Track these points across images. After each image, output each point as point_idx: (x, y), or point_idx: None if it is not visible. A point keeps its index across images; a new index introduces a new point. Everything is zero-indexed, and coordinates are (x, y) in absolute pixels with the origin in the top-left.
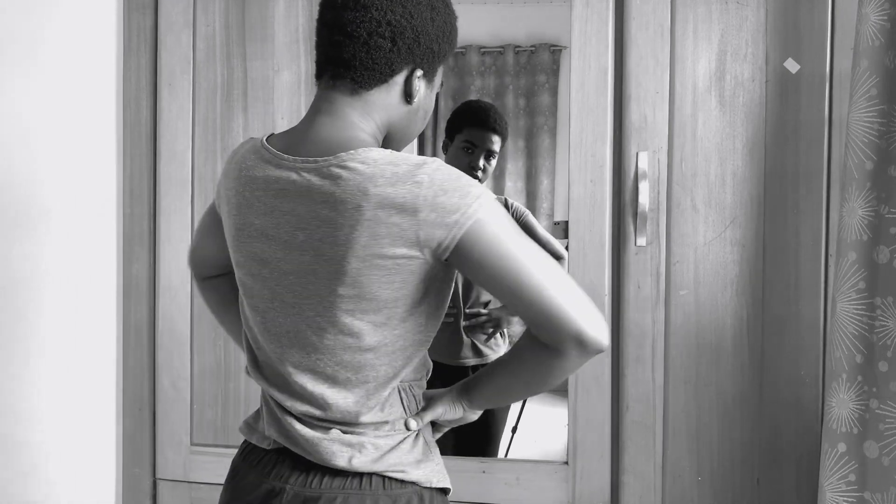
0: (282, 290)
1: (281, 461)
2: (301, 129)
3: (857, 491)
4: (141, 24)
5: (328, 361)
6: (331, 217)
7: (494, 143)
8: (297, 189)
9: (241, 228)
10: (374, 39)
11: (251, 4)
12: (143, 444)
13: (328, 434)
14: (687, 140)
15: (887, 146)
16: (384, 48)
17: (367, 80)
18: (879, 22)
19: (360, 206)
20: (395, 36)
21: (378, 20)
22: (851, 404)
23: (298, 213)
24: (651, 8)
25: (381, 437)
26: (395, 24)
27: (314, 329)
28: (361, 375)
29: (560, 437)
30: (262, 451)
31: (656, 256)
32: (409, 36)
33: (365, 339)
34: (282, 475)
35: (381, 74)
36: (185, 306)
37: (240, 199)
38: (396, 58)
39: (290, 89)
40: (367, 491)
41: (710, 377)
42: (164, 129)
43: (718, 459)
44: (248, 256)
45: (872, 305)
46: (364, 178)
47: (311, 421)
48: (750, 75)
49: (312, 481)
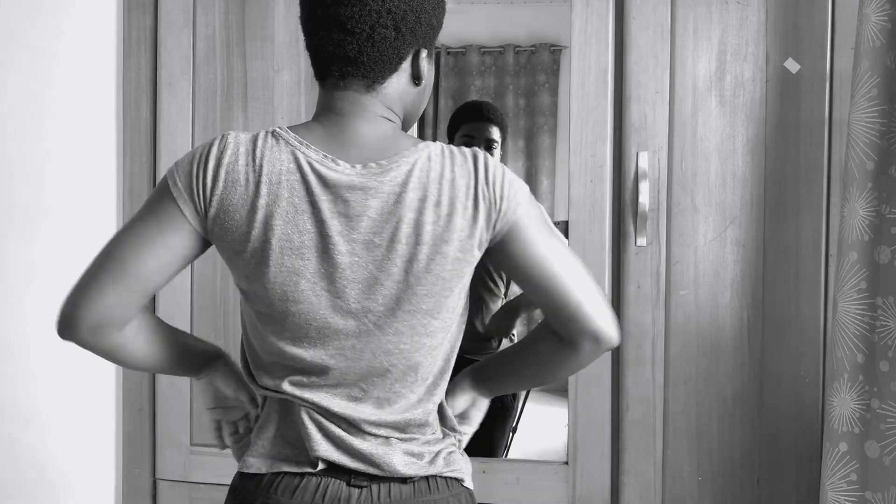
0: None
1: (332, 480)
2: (335, 133)
3: (858, 490)
4: (141, 24)
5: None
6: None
7: (492, 132)
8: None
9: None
10: (377, 31)
11: (251, 4)
12: (143, 444)
13: (389, 443)
14: (687, 140)
15: (888, 146)
16: (389, 38)
17: (379, 74)
18: (880, 22)
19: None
20: (397, 23)
21: (378, 11)
22: (853, 404)
23: (396, 215)
24: (651, 8)
25: (430, 440)
26: (396, 10)
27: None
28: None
29: (560, 437)
30: (299, 476)
31: (656, 256)
32: (411, 19)
33: (436, 337)
34: (340, 495)
35: (390, 65)
36: (185, 306)
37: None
38: (402, 44)
39: (290, 89)
40: (437, 494)
41: (710, 377)
42: (164, 129)
43: (718, 459)
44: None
45: (874, 305)
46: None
47: (371, 430)
48: (750, 75)
49: (381, 494)
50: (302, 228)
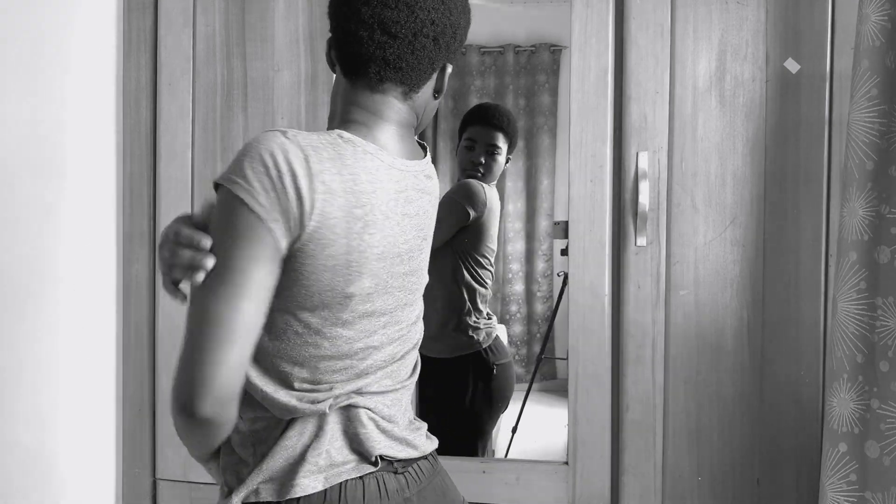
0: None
1: (387, 475)
2: (397, 137)
3: (858, 491)
4: (141, 24)
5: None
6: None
7: (496, 138)
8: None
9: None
10: (419, 40)
11: (251, 4)
12: (143, 444)
13: (417, 422)
14: (687, 140)
15: (888, 146)
16: (428, 48)
17: (415, 83)
18: (880, 22)
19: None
20: (437, 35)
21: (423, 20)
22: (852, 404)
23: (430, 214)
24: (651, 8)
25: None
26: (438, 22)
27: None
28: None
29: (560, 437)
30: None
31: (656, 256)
32: (449, 33)
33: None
34: (411, 478)
35: (425, 75)
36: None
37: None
38: (437, 56)
39: (290, 89)
40: (438, 465)
41: (710, 377)
42: (164, 129)
43: (718, 459)
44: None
45: (873, 305)
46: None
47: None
48: (750, 75)
49: (418, 475)
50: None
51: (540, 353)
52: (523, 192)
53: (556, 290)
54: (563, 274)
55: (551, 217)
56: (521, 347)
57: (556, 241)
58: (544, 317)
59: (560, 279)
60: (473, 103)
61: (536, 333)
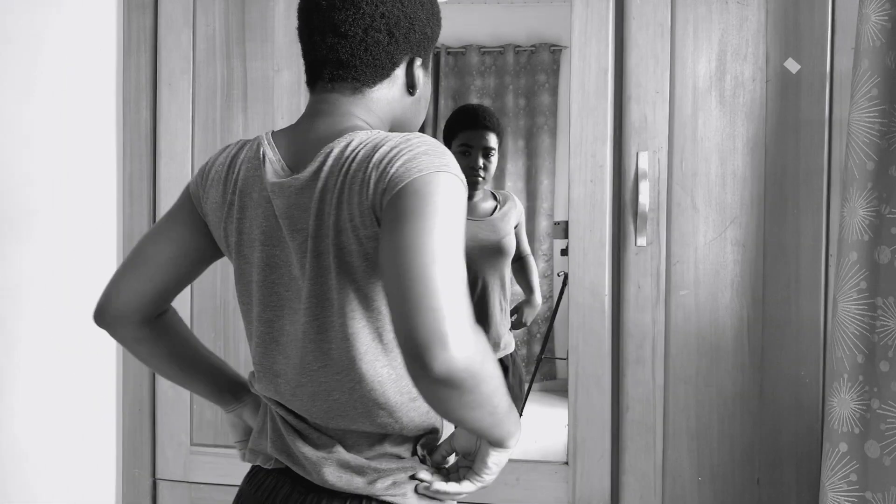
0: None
1: (281, 482)
2: (301, 131)
3: (858, 491)
4: (141, 24)
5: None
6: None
7: (489, 140)
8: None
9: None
10: (370, 35)
11: (251, 4)
12: (143, 444)
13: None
14: (687, 140)
15: (888, 146)
16: (382, 42)
17: (370, 78)
18: (880, 22)
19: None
20: (390, 28)
21: (371, 14)
22: (853, 404)
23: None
24: (651, 8)
25: (379, 458)
26: (389, 15)
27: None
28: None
29: (560, 437)
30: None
31: (656, 256)
32: (404, 25)
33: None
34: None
35: (383, 70)
36: (185, 306)
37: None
38: (395, 50)
39: (290, 89)
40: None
41: (710, 377)
42: (164, 129)
43: (718, 459)
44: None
45: (874, 305)
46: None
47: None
48: (750, 75)
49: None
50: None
51: (540, 354)
52: (523, 193)
53: (557, 290)
54: (564, 274)
55: (551, 217)
56: (521, 347)
57: (557, 241)
58: (544, 317)
59: (560, 279)
60: (473, 103)
61: (536, 333)
